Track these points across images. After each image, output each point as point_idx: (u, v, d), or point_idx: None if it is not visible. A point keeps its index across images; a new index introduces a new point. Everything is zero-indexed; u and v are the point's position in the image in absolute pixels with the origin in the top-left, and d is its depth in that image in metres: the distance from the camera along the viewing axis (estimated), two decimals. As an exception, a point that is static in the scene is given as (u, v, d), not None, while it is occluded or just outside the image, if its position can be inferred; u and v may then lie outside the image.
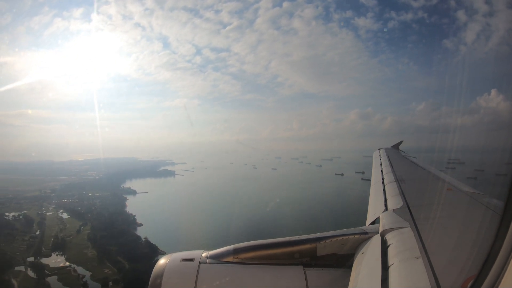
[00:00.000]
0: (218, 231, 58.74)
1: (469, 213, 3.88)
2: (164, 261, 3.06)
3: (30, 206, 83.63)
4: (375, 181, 6.82)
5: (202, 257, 3.08)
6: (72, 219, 75.08)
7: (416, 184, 6.15)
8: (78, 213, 79.02)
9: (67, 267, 53.55)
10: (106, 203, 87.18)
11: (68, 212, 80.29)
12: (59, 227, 69.92)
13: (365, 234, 3.23)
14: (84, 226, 70.23)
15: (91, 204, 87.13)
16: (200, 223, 71.50)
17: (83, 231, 68.11)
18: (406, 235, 2.87)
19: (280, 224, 61.20)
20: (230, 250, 3.17)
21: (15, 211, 78.96)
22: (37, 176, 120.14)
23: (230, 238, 45.20)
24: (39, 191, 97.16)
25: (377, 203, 4.83)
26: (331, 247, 3.15)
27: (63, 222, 73.66)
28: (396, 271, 2.26)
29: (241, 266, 3.03)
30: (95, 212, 79.69)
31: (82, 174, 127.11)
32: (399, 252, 2.56)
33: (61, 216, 78.02)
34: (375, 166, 8.47)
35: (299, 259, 3.11)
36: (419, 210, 3.79)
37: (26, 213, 76.78)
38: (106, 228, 66.71)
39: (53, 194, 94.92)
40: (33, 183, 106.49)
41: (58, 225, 71.25)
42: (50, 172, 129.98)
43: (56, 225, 71.63)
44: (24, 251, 58.54)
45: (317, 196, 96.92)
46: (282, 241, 3.21)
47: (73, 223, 72.53)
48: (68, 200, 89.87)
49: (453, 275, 2.14)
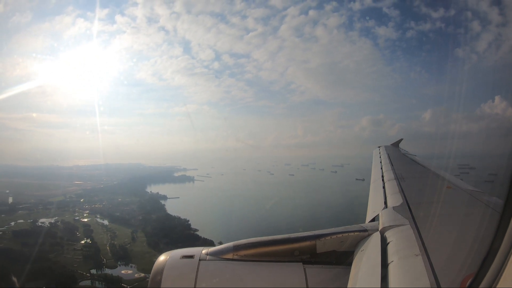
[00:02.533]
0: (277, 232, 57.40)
1: (469, 211, 3.83)
2: (164, 258, 3.00)
3: (61, 212, 76.45)
4: (375, 179, 6.84)
5: (202, 254, 3.05)
6: (116, 226, 69.05)
7: (415, 182, 6.12)
8: (119, 218, 73.40)
9: (146, 279, 48.37)
10: (145, 209, 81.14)
11: (107, 218, 74.20)
12: (108, 235, 63.60)
13: (364, 231, 3.21)
14: (136, 233, 64.51)
15: (128, 209, 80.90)
16: (251, 226, 68.71)
17: (138, 238, 62.39)
18: (406, 232, 2.85)
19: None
20: (230, 247, 3.13)
21: (46, 218, 71.44)
22: (50, 181, 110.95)
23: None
24: (63, 196, 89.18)
25: (377, 201, 4.82)
26: (331, 244, 3.13)
27: (108, 228, 67.14)
28: (396, 268, 2.24)
29: (241, 263, 3.00)
30: (140, 217, 73.66)
31: (97, 180, 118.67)
32: (399, 250, 2.54)
33: (102, 222, 71.33)
34: (375, 164, 8.49)
35: (299, 256, 3.09)
36: (418, 207, 3.75)
37: (63, 220, 69.47)
38: (165, 234, 61.66)
39: (80, 199, 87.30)
40: (51, 188, 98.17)
41: (105, 232, 64.83)
42: (60, 176, 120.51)
43: (103, 232, 65.39)
44: (81, 263, 52.25)
45: (350, 199, 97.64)
46: (282, 238, 3.20)
47: (120, 230, 66.52)
48: (100, 205, 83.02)
49: (452, 273, 2.12)
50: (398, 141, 12.69)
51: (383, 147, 11.41)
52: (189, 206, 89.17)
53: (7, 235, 60.19)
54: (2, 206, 76.14)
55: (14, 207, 76.08)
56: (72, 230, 65.05)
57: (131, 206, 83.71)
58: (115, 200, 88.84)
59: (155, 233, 63.08)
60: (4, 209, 73.90)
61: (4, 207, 75.44)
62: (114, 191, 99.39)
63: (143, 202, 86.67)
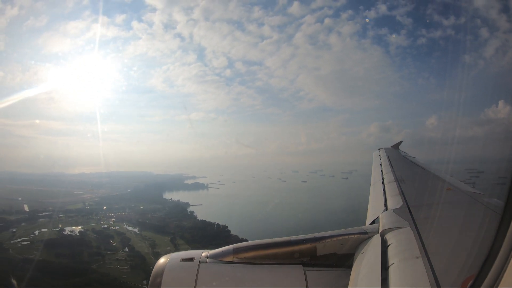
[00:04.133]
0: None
1: (469, 212, 3.84)
2: (164, 261, 2.99)
3: (86, 220, 71.38)
4: (375, 181, 6.86)
5: (202, 257, 3.03)
6: (150, 233, 64.75)
7: (416, 184, 6.14)
8: (151, 226, 68.89)
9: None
10: (174, 216, 77.18)
11: (138, 225, 69.25)
12: (146, 243, 59.29)
13: (365, 233, 3.18)
14: (175, 240, 60.57)
15: (156, 216, 76.62)
16: (285, 231, 66.70)
17: (179, 245, 58.45)
18: (406, 235, 2.84)
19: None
20: (230, 249, 3.11)
21: (71, 226, 66.41)
22: (60, 188, 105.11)
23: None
24: (81, 203, 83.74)
25: (377, 203, 4.83)
26: (331, 247, 3.10)
27: (143, 236, 62.74)
28: (396, 270, 2.24)
29: (241, 266, 2.97)
30: (173, 224, 69.64)
31: (108, 187, 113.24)
32: (399, 252, 2.53)
33: (133, 230, 66.71)
34: (375, 166, 8.47)
35: (299, 259, 3.05)
36: (419, 210, 3.74)
37: (93, 228, 64.65)
38: (208, 241, 58.10)
39: (100, 206, 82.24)
40: (65, 195, 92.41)
41: (142, 241, 60.47)
42: (69, 183, 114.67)
43: (139, 240, 60.75)
44: (130, 274, 48.25)
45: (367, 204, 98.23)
46: (282, 240, 3.17)
47: (157, 238, 62.31)
48: (124, 213, 78.11)
49: (452, 274, 2.12)
50: (398, 143, 12.46)
51: (383, 149, 11.27)
52: (216, 212, 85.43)
53: (36, 245, 54.99)
54: (20, 214, 70.64)
55: (33, 215, 70.57)
56: (106, 238, 60.56)
57: (158, 213, 79.59)
58: (136, 208, 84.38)
59: (196, 240, 59.47)
60: (23, 217, 68.29)
61: (23, 215, 69.89)
62: (132, 198, 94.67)
63: (169, 209, 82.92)
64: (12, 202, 77.58)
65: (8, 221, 64.70)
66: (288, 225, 72.12)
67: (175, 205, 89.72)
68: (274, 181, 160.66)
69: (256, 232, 69.05)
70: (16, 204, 76.47)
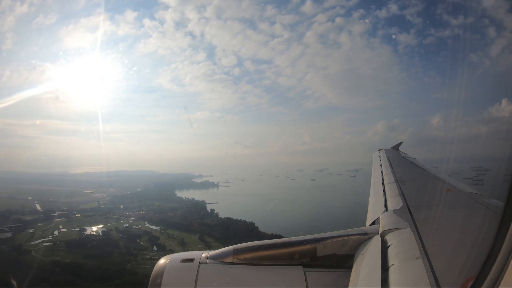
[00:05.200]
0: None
1: (469, 213, 3.80)
2: (164, 262, 2.98)
3: (105, 219, 68.13)
4: (375, 182, 6.83)
5: (202, 258, 3.02)
6: (176, 232, 62.37)
7: (416, 184, 6.12)
8: (174, 224, 66.18)
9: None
10: (194, 213, 74.53)
11: (158, 224, 66.52)
12: (175, 241, 56.60)
13: (365, 234, 3.17)
14: (204, 238, 58.24)
15: (176, 215, 74.13)
16: (309, 225, 65.29)
17: (210, 243, 55.89)
18: (406, 235, 2.85)
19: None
20: (230, 250, 3.09)
21: (89, 225, 63.34)
22: (68, 187, 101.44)
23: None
24: (96, 202, 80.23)
25: (377, 204, 4.80)
26: (331, 248, 3.09)
27: (170, 235, 59.95)
28: (396, 271, 2.25)
29: (241, 267, 2.97)
30: (196, 223, 66.97)
31: (117, 186, 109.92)
32: (399, 253, 2.54)
33: (156, 229, 64.00)
34: (375, 167, 8.47)
35: (299, 260, 3.05)
36: (419, 210, 3.72)
37: (117, 227, 61.75)
38: (239, 239, 55.54)
39: (116, 205, 79.14)
40: (76, 195, 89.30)
41: (169, 239, 57.65)
42: (77, 183, 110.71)
43: (166, 239, 57.95)
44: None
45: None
46: (282, 241, 3.18)
47: (183, 236, 59.55)
48: (143, 212, 75.04)
49: (453, 275, 2.13)
50: (398, 144, 12.46)
51: (383, 150, 11.26)
52: (236, 210, 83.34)
53: (60, 246, 51.82)
54: (34, 214, 67.04)
55: (48, 215, 67.02)
56: (132, 238, 57.42)
57: (177, 211, 76.76)
58: (153, 206, 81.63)
59: (225, 237, 56.82)
60: (39, 217, 64.59)
61: (38, 215, 66.21)
62: (145, 197, 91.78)
63: (187, 208, 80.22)
64: (23, 202, 73.87)
65: (23, 222, 61.14)
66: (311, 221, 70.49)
67: (192, 203, 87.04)
68: (283, 179, 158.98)
69: (284, 228, 67.00)
70: (28, 204, 72.80)
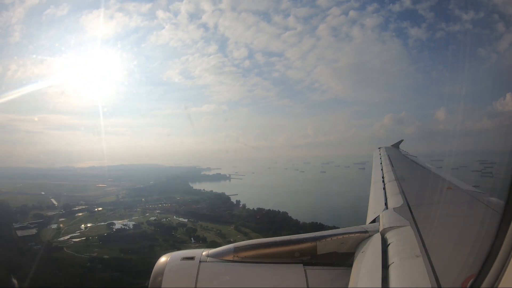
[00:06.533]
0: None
1: (469, 212, 3.80)
2: (164, 260, 2.98)
3: (128, 213, 64.83)
4: (375, 180, 6.78)
5: (203, 256, 3.04)
6: (207, 223, 59.67)
7: (416, 183, 6.09)
8: (202, 216, 64.25)
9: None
10: (219, 205, 72.33)
11: (186, 216, 64.52)
12: (211, 233, 54.00)
13: (365, 232, 3.20)
14: (240, 229, 56.26)
15: (201, 207, 71.72)
16: (337, 215, 63.21)
17: (249, 233, 53.86)
18: (406, 233, 2.87)
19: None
20: (230, 248, 3.12)
21: (113, 219, 60.23)
22: (77, 182, 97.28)
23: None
24: (114, 196, 76.36)
25: (378, 202, 4.81)
26: (332, 246, 3.11)
27: (204, 227, 57.21)
28: (396, 269, 2.26)
29: (242, 265, 2.99)
30: (226, 214, 64.45)
31: (128, 180, 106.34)
32: (399, 251, 2.54)
33: (184, 221, 61.38)
34: (375, 165, 8.43)
35: (300, 258, 3.07)
36: (419, 209, 3.71)
37: (148, 221, 60.33)
38: (278, 228, 53.46)
39: (137, 199, 75.54)
40: (90, 189, 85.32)
41: (206, 231, 55.05)
42: (84, 177, 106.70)
43: (202, 231, 55.12)
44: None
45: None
46: (282, 239, 3.20)
47: (218, 228, 57.12)
48: (167, 204, 71.99)
49: (453, 274, 2.14)
50: (398, 142, 12.49)
51: (383, 148, 11.26)
52: (259, 201, 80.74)
53: (93, 242, 48.13)
54: (53, 209, 63.08)
55: (69, 209, 63.10)
56: (167, 231, 54.41)
57: (201, 204, 74.11)
58: (173, 199, 78.85)
59: (262, 227, 54.82)
60: (59, 213, 60.50)
61: (58, 210, 62.11)
62: (161, 190, 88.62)
63: (210, 200, 78.03)
64: (37, 197, 69.43)
65: (44, 217, 57.08)
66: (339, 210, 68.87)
67: (213, 195, 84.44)
68: (292, 172, 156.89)
69: (317, 218, 65.45)
70: (43, 199, 68.43)
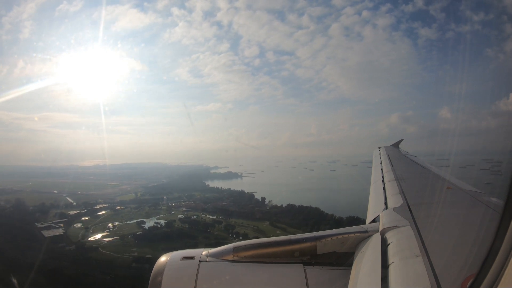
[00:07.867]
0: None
1: (469, 211, 3.80)
2: (164, 260, 2.99)
3: (153, 211, 62.87)
4: (375, 180, 6.80)
5: (202, 256, 3.04)
6: (240, 220, 58.56)
7: (416, 182, 6.10)
8: (233, 213, 63.05)
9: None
10: (247, 202, 71.39)
11: (213, 213, 62.97)
12: (248, 229, 53.07)
13: (365, 232, 3.19)
14: (276, 224, 56.49)
15: (226, 204, 70.19)
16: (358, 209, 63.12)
17: (285, 229, 53.79)
18: (406, 233, 2.86)
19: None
20: (230, 248, 3.11)
21: (139, 218, 57.27)
22: (85, 180, 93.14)
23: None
24: (133, 194, 72.97)
25: (377, 202, 4.79)
26: (331, 246, 3.10)
27: (240, 224, 55.68)
28: (396, 269, 2.26)
29: (241, 265, 2.98)
30: (256, 211, 63.77)
31: (139, 178, 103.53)
32: (399, 251, 2.54)
33: (212, 218, 60.73)
34: (375, 165, 8.46)
35: (299, 258, 3.07)
36: (419, 208, 3.71)
37: (181, 218, 58.50)
38: (314, 224, 52.19)
39: (157, 197, 72.62)
40: (105, 187, 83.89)
41: (242, 228, 53.49)
42: (90, 175, 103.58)
43: (239, 227, 52.87)
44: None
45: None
46: (282, 239, 3.19)
47: (253, 224, 56.04)
48: (191, 202, 69.09)
49: (453, 273, 2.14)
50: (398, 141, 12.50)
51: (383, 148, 11.29)
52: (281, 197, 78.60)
53: (128, 241, 44.51)
54: (72, 208, 58.86)
55: (90, 208, 59.13)
56: (204, 228, 53.14)
57: (226, 201, 72.26)
58: (193, 197, 76.49)
59: (298, 223, 54.42)
60: (81, 211, 56.53)
61: (79, 209, 58.00)
62: (177, 188, 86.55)
63: (233, 198, 76.49)
64: (51, 195, 65.60)
65: (68, 216, 53.19)
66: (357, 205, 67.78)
67: (235, 193, 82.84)
68: (301, 170, 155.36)
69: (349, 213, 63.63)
70: (58, 198, 64.28)
